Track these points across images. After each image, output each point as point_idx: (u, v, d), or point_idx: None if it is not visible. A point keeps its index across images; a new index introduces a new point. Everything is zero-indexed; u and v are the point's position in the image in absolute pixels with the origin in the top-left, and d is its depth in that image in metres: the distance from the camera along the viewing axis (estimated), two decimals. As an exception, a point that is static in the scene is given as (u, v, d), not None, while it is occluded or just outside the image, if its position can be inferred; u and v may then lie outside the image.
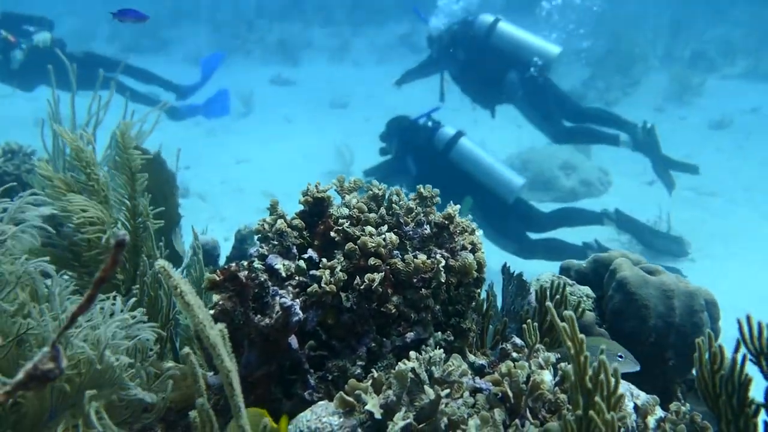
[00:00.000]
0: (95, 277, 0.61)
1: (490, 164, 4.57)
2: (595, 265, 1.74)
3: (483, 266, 1.26)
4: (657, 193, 6.63)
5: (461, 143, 4.61)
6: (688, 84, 9.12)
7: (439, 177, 4.51)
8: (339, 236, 1.23)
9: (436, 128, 4.72)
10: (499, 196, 4.54)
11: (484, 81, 5.13)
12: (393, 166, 4.81)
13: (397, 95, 10.40)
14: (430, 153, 4.65)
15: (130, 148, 1.53)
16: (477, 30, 4.99)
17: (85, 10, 14.65)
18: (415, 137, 4.73)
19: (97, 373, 0.97)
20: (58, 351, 0.54)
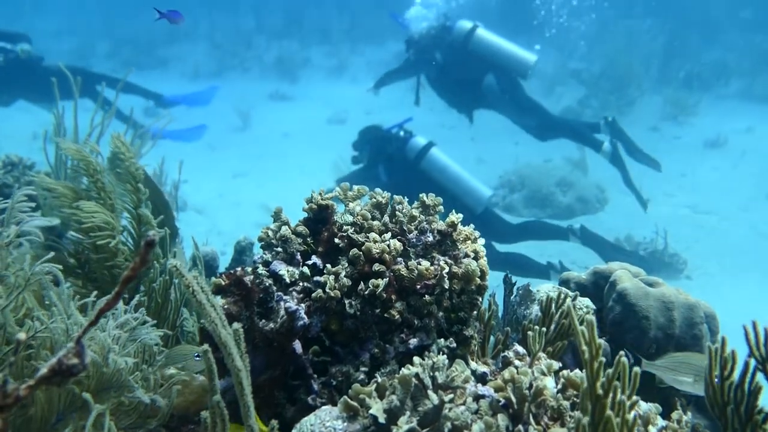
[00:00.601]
0: (123, 275, 0.62)
1: (459, 175, 4.65)
2: (594, 277, 1.75)
3: (486, 274, 1.27)
4: (653, 210, 6.67)
5: (432, 153, 4.69)
6: (683, 104, 9.23)
7: (409, 186, 4.56)
8: (343, 242, 1.24)
9: (407, 138, 4.79)
10: (467, 206, 4.59)
11: (461, 86, 5.19)
12: (365, 175, 4.84)
13: (395, 112, 10.49)
14: (402, 162, 4.72)
15: (133, 158, 1.54)
16: (455, 35, 5.05)
17: (85, 29, 14.76)
18: (386, 146, 4.79)
19: (104, 375, 0.97)
20: (83, 347, 0.54)
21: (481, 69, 5.03)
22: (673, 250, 5.44)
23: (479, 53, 4.99)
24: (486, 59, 5.00)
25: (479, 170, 7.93)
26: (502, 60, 4.98)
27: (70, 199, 1.61)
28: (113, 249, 1.52)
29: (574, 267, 5.24)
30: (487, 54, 4.99)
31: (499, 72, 5.03)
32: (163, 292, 1.58)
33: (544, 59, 13.01)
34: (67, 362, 0.57)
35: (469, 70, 5.04)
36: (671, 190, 7.05)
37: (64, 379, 0.56)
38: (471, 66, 5.02)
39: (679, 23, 12.24)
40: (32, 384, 0.54)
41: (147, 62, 13.46)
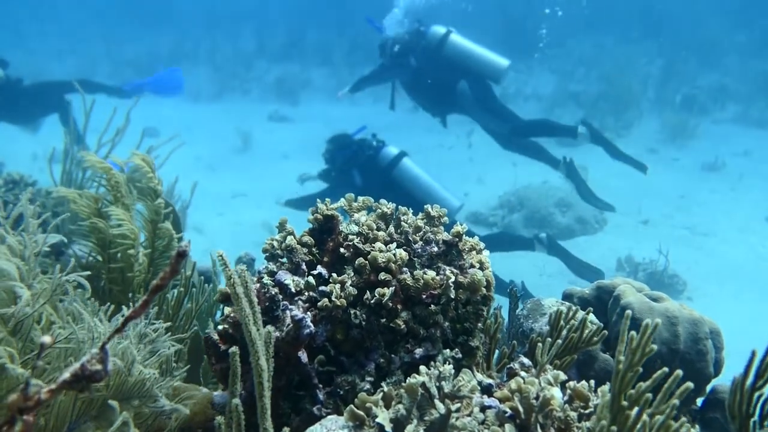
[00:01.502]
0: (152, 283, 0.62)
1: (430, 184, 4.71)
2: (598, 291, 1.75)
3: (491, 284, 1.27)
4: (652, 232, 6.69)
5: (403, 163, 4.76)
6: (681, 127, 9.31)
7: (380, 193, 4.63)
8: (349, 252, 1.24)
9: (380, 147, 4.86)
10: None
11: (434, 90, 5.22)
12: (339, 179, 4.90)
13: (396, 131, 10.57)
14: (374, 170, 4.79)
15: (154, 173, 1.55)
16: (429, 40, 5.10)
17: (86, 50, 14.92)
18: (360, 153, 4.86)
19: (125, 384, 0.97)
20: (107, 353, 0.54)
21: (454, 74, 5.08)
22: (673, 271, 5.44)
23: (453, 58, 5.05)
24: (459, 64, 5.05)
25: (478, 191, 7.97)
26: (476, 65, 5.03)
27: (91, 210, 1.62)
28: (132, 259, 1.53)
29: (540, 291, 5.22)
30: (460, 59, 5.04)
31: (472, 77, 5.08)
32: (175, 305, 1.58)
33: (544, 81, 13.16)
34: (90, 368, 0.57)
35: (442, 75, 5.09)
36: (670, 211, 7.08)
37: (86, 384, 0.55)
38: (444, 71, 5.07)
39: (675, 47, 12.42)
40: (54, 388, 0.53)
41: (149, 83, 13.55)
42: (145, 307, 0.83)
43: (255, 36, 16.18)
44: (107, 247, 1.59)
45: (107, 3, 18.52)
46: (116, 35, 15.83)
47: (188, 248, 0.75)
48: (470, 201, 7.71)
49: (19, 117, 5.37)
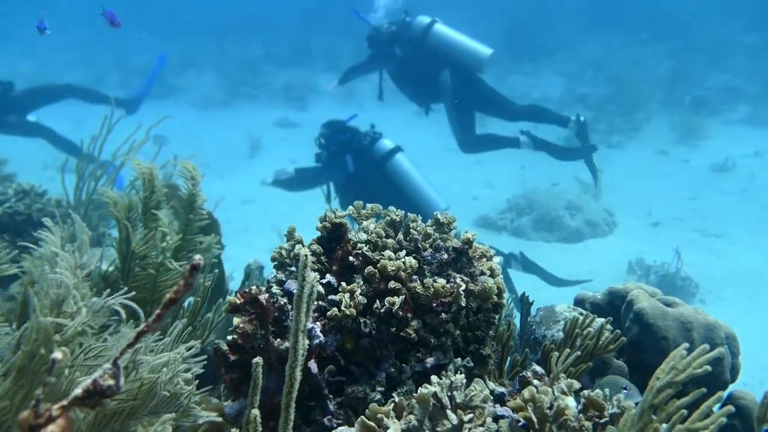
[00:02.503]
0: (166, 297, 0.61)
1: (419, 183, 4.71)
2: (610, 297, 1.73)
3: (503, 291, 1.25)
4: (663, 234, 6.63)
5: (397, 158, 4.76)
6: (691, 128, 9.24)
7: (370, 184, 4.75)
8: (358, 261, 1.23)
9: (377, 138, 4.87)
10: (422, 215, 4.63)
11: (419, 80, 5.25)
12: (329, 162, 4.91)
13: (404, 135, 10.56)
14: (368, 159, 4.80)
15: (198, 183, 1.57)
16: (414, 30, 5.16)
17: (96, 59, 15.04)
18: (356, 140, 4.88)
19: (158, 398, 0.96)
20: (119, 368, 0.53)
21: (438, 63, 5.11)
22: (685, 274, 5.39)
23: (437, 48, 5.09)
24: (443, 54, 5.09)
25: (487, 195, 7.94)
26: (458, 54, 5.07)
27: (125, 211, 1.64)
28: (162, 267, 1.54)
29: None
30: (444, 48, 5.08)
31: (455, 66, 5.11)
32: (191, 315, 1.58)
33: (552, 84, 13.11)
34: (102, 383, 0.56)
35: (426, 65, 5.13)
36: (681, 213, 7.02)
37: (98, 400, 0.54)
38: (429, 60, 5.11)
39: (684, 48, 12.33)
40: (66, 405, 0.53)
41: (157, 92, 13.65)
42: (159, 321, 0.83)
43: (262, 42, 16.25)
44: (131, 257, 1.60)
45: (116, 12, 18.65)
46: (125, 45, 15.95)
47: (202, 262, 0.74)
48: (479, 205, 7.69)
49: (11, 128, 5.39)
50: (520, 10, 14.89)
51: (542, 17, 14.52)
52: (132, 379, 1.15)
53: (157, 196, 1.68)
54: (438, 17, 5.31)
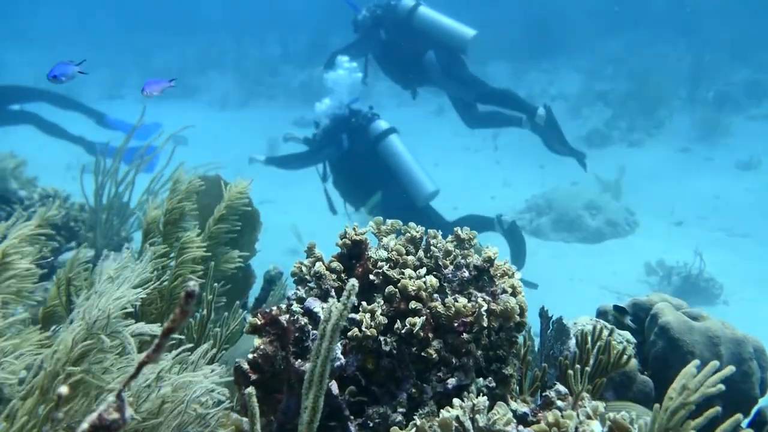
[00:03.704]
0: (163, 326, 0.61)
1: (410, 165, 4.73)
2: (633, 308, 1.70)
3: (525, 310, 1.23)
4: (686, 233, 6.52)
5: (390, 139, 4.79)
6: (714, 125, 9.05)
7: (363, 162, 4.80)
8: (378, 279, 1.22)
9: (373, 118, 4.91)
10: (410, 197, 4.71)
11: (404, 62, 5.28)
12: (325, 140, 4.98)
13: (421, 134, 10.54)
14: (362, 138, 4.84)
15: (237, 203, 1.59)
16: (399, 13, 5.19)
17: (117, 61, 15.22)
18: (353, 119, 4.94)
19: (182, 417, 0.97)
20: (123, 401, 0.53)
21: (422, 45, 5.15)
22: (709, 275, 5.29)
23: (421, 30, 5.12)
24: (427, 36, 5.12)
25: (505, 194, 7.88)
26: (442, 36, 5.10)
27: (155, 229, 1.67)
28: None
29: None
30: (428, 30, 5.11)
31: (439, 48, 5.13)
32: (199, 329, 1.58)
33: (570, 81, 12.93)
34: (107, 417, 0.56)
35: (411, 47, 5.16)
36: (704, 212, 6.89)
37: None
38: (413, 43, 5.14)
39: (706, 43, 12.09)
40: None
41: (176, 91, 13.77)
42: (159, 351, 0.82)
43: (279, 42, 16.30)
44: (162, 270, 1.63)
45: (134, 13, 18.90)
46: (144, 45, 16.12)
47: (196, 288, 0.73)
48: (497, 204, 7.62)
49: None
50: (537, 7, 14.74)
51: (559, 13, 14.35)
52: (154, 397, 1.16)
53: (179, 210, 1.69)
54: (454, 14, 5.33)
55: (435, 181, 4.80)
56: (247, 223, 2.32)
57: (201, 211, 1.98)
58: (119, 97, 13.36)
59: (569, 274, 5.85)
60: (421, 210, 4.80)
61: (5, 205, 2.85)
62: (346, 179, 5.04)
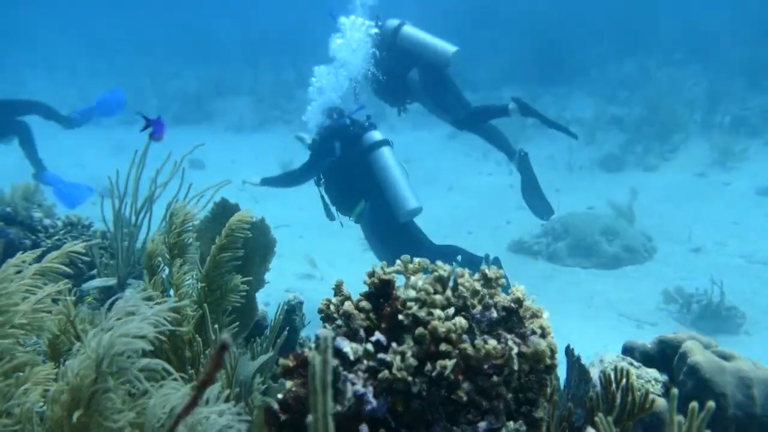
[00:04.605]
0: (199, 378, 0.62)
1: (396, 178, 4.80)
2: (661, 346, 1.68)
3: (555, 352, 1.23)
4: (705, 260, 6.45)
5: (382, 150, 4.87)
6: (731, 150, 8.99)
7: (353, 171, 4.89)
8: (408, 320, 1.22)
9: (368, 128, 5.00)
10: (392, 211, 4.78)
11: (390, 80, 5.37)
12: (319, 147, 5.06)
13: (435, 157, 10.58)
14: (355, 146, 4.92)
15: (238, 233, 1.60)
16: (384, 34, 5.33)
17: (134, 85, 15.50)
18: (348, 126, 5.04)
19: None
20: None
21: (407, 63, 5.28)
22: (730, 303, 5.20)
23: (405, 48, 5.25)
24: (411, 53, 5.25)
25: (520, 218, 7.85)
26: (425, 53, 5.22)
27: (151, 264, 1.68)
28: (180, 318, 1.56)
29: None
30: (411, 48, 5.24)
31: (423, 66, 5.26)
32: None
33: (584, 105, 12.94)
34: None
35: (396, 65, 5.28)
36: (723, 239, 6.81)
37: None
38: (398, 61, 5.28)
39: (722, 68, 12.07)
40: None
41: (194, 117, 14.00)
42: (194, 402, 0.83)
43: (293, 66, 16.54)
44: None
45: (153, 39, 19.30)
46: (162, 70, 16.42)
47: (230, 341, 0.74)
48: (513, 229, 7.60)
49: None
50: (550, 32, 14.85)
51: (572, 38, 14.43)
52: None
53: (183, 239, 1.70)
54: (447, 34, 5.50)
55: (419, 198, 4.87)
56: (255, 253, 2.29)
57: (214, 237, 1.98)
58: (136, 122, 13.58)
59: (587, 301, 5.79)
60: (403, 225, 4.89)
61: (30, 233, 2.89)
62: (335, 185, 5.13)
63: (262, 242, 2.35)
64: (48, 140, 7.64)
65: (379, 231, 4.91)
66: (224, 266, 1.86)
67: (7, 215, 2.83)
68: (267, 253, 2.43)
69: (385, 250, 4.89)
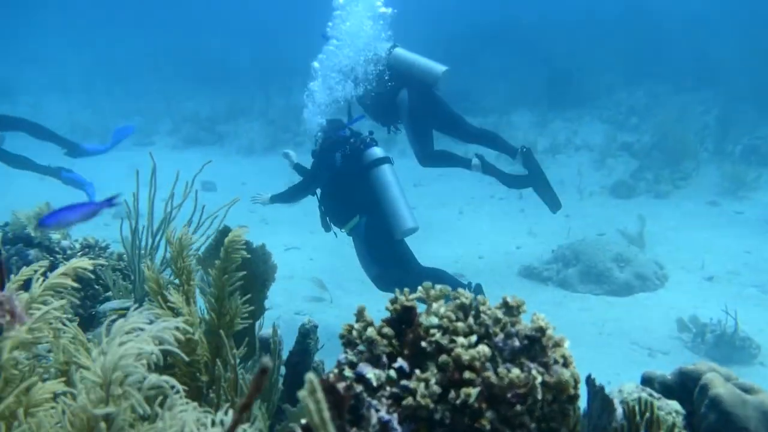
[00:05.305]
0: (240, 402, 0.64)
1: (395, 196, 4.86)
2: (681, 377, 1.67)
3: (578, 382, 1.23)
4: (718, 289, 6.40)
5: (383, 168, 4.95)
6: (743, 179, 8.97)
7: (352, 184, 4.98)
8: (431, 347, 1.23)
9: (371, 144, 5.08)
10: (389, 227, 4.85)
11: (380, 101, 5.48)
12: (319, 158, 5.15)
13: (446, 181, 10.61)
14: (356, 161, 5.00)
15: (235, 251, 1.61)
16: (376, 54, 5.45)
17: (149, 109, 15.74)
18: (351, 140, 5.12)
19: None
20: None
21: (397, 83, 5.37)
22: (744, 333, 5.14)
23: (396, 69, 5.35)
24: (401, 74, 5.35)
25: (530, 243, 7.84)
26: (415, 72, 5.32)
27: (156, 290, 1.68)
28: (193, 344, 1.56)
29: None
30: (402, 69, 5.34)
31: (412, 85, 5.34)
32: (233, 389, 1.60)
33: (594, 131, 12.97)
34: None
35: (386, 89, 5.38)
36: (736, 268, 6.76)
37: None
38: (389, 82, 5.37)
39: (732, 96, 12.11)
40: None
41: (206, 138, 14.15)
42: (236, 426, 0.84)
43: (303, 89, 16.74)
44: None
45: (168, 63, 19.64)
46: (176, 93, 16.66)
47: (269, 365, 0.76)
48: (522, 254, 7.58)
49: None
50: (559, 57, 14.99)
51: (583, 65, 14.55)
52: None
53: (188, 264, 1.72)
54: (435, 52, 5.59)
55: (416, 219, 4.95)
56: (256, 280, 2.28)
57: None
58: (150, 143, 13.75)
59: (598, 328, 5.75)
60: (395, 243, 5.00)
61: (48, 254, 2.93)
62: (332, 197, 5.20)
63: (262, 270, 2.35)
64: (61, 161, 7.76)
65: (371, 245, 4.99)
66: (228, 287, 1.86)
67: (26, 237, 2.87)
68: (267, 279, 2.42)
69: (375, 265, 4.99)
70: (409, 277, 4.98)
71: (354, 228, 5.07)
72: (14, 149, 5.86)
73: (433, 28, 16.63)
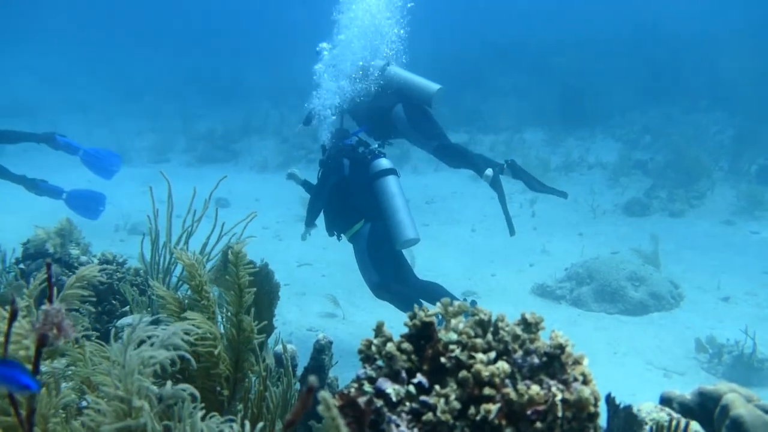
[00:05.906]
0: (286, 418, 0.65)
1: (399, 207, 4.94)
2: (701, 398, 1.66)
3: (598, 400, 1.23)
4: (734, 309, 6.32)
5: (389, 179, 5.03)
6: (759, 198, 8.89)
7: (357, 193, 5.08)
8: (450, 363, 1.24)
9: (378, 155, 5.18)
10: (391, 237, 4.92)
11: (374, 115, 5.54)
12: (327, 164, 5.24)
13: (459, 198, 10.63)
14: (363, 169, 5.10)
15: (242, 267, 1.62)
16: (371, 72, 5.55)
17: (165, 127, 15.95)
18: (359, 149, 5.25)
19: None
20: None
21: (391, 100, 5.44)
22: (763, 355, 5.07)
23: (390, 86, 5.44)
24: (396, 91, 5.43)
25: (544, 262, 7.80)
26: (410, 90, 5.40)
27: (176, 309, 1.70)
28: (215, 358, 1.58)
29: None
30: (396, 86, 5.43)
31: (407, 102, 5.42)
32: (258, 402, 1.61)
33: (608, 149, 12.95)
34: None
35: (381, 102, 5.46)
36: (753, 288, 6.68)
37: None
38: (383, 98, 5.46)
39: (747, 116, 12.05)
40: None
41: (220, 156, 14.30)
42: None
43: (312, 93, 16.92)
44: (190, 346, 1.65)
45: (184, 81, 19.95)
46: (191, 112, 16.90)
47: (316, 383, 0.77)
48: (536, 272, 7.54)
49: None
50: (572, 76, 15.03)
51: (596, 84, 14.58)
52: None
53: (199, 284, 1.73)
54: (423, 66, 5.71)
55: (417, 230, 5.01)
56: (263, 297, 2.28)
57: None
58: (165, 161, 13.92)
59: (613, 347, 5.69)
60: (396, 253, 5.11)
61: (68, 269, 2.97)
62: (336, 203, 5.25)
63: (267, 288, 2.35)
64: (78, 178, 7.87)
65: (372, 253, 5.05)
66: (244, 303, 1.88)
67: (47, 252, 2.92)
68: (273, 297, 2.42)
69: (375, 272, 5.03)
70: (407, 288, 5.08)
71: (355, 234, 5.13)
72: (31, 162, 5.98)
73: (446, 47, 16.77)
